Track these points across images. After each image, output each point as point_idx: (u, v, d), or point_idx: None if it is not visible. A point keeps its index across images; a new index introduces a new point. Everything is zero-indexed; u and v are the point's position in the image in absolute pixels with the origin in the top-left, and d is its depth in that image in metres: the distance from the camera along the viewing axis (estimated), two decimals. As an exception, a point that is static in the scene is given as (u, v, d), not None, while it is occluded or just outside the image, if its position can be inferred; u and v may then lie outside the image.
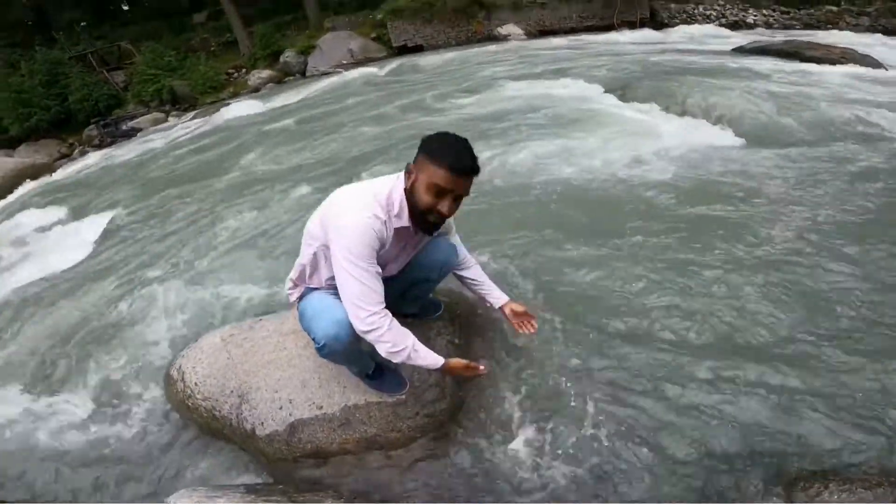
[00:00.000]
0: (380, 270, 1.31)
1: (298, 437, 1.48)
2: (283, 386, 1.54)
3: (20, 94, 14.57)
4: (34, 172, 9.55)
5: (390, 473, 1.43)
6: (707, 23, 12.80)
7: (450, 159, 1.24)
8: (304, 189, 3.68)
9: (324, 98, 8.33)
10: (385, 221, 1.30)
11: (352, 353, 1.38)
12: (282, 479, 1.48)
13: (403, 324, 1.33)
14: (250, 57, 15.80)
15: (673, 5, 13.93)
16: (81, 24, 18.70)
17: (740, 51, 7.12)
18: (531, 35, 13.43)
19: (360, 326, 1.27)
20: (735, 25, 12.52)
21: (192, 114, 12.60)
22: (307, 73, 14.29)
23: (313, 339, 1.34)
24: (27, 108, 14.48)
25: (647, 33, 11.82)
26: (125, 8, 23.42)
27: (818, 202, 2.45)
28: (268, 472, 1.53)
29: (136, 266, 3.08)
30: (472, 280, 1.62)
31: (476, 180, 1.30)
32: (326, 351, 1.33)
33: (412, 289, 1.59)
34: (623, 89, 4.64)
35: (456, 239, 1.64)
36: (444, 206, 1.27)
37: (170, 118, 13.20)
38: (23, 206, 5.82)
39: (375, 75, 10.04)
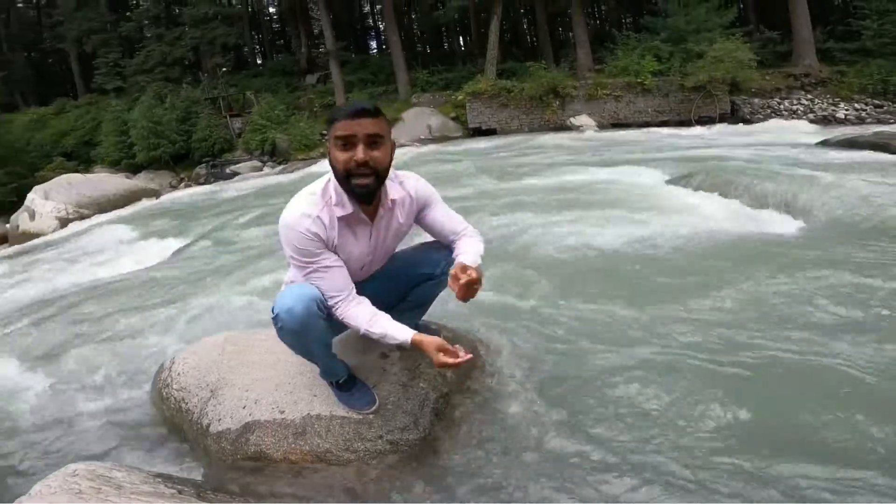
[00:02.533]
0: (336, 259, 1.31)
1: (247, 437, 1.45)
2: (256, 386, 1.56)
3: (157, 125, 17.19)
4: (143, 195, 11.38)
5: (321, 493, 1.32)
6: (793, 118, 12.31)
7: (342, 111, 1.26)
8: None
9: (398, 166, 9.07)
10: (318, 216, 1.28)
11: (306, 335, 1.31)
12: (206, 479, 1.44)
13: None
14: (344, 121, 17.74)
15: (756, 100, 13.63)
16: (223, 69, 22.41)
17: (825, 144, 6.74)
18: (603, 127, 13.70)
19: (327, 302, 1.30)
20: (824, 121, 11.98)
21: (282, 167, 14.32)
22: (388, 143, 15.78)
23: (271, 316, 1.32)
24: (157, 139, 17.01)
25: (725, 128, 11.55)
26: (259, 62, 27.94)
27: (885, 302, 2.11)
28: (198, 472, 1.50)
29: (193, 278, 3.49)
30: (456, 247, 1.45)
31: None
32: (280, 325, 1.29)
33: (413, 291, 1.54)
34: (688, 178, 4.44)
35: (443, 207, 1.48)
36: (357, 154, 1.23)
37: (265, 168, 15.08)
38: (125, 220, 7.21)
39: (448, 151, 10.77)
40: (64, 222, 9.97)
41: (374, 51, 29.33)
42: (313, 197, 1.31)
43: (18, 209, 11.00)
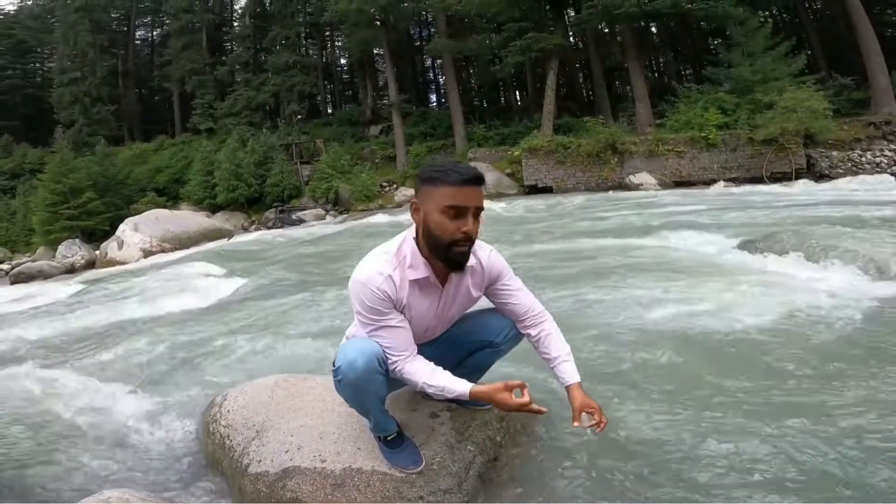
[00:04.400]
0: (402, 320, 1.31)
1: (284, 482, 1.42)
2: (302, 432, 1.54)
3: (238, 167, 18.60)
4: (217, 235, 12.36)
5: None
6: (876, 171, 11.31)
7: (453, 175, 1.20)
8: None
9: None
10: (390, 275, 1.27)
11: (365, 389, 1.30)
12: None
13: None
14: (403, 173, 18.42)
15: (834, 153, 12.56)
16: (298, 117, 24.28)
17: (919, 201, 6.10)
18: (665, 185, 12.96)
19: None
20: (911, 174, 10.89)
21: (343, 217, 15.00)
22: (445, 198, 16.05)
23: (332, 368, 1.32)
24: (237, 182, 18.35)
25: (802, 185, 10.61)
26: (329, 111, 29.96)
27: None
28: (229, 507, 1.46)
29: (254, 317, 3.62)
30: (543, 348, 1.42)
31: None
32: (339, 377, 1.29)
33: (473, 356, 1.51)
34: (759, 241, 3.93)
35: (517, 283, 1.45)
36: (466, 225, 1.21)
37: (328, 217, 15.86)
38: (200, 257, 7.73)
39: (503, 208, 10.61)
40: (147, 254, 10.99)
41: (434, 104, 30.99)
42: (387, 256, 1.30)
43: (110, 237, 12.28)
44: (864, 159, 12.30)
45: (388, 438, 1.43)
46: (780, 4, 20.99)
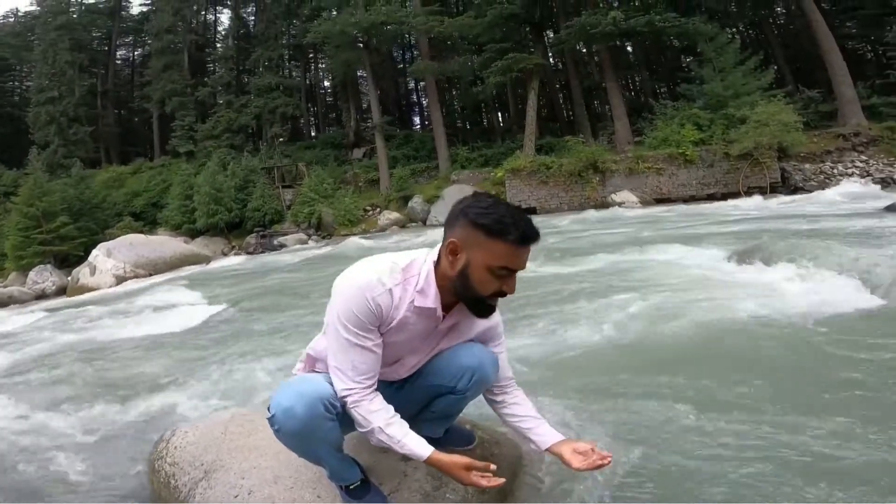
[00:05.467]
0: (378, 345, 1.13)
1: None
2: (254, 475, 1.36)
3: (218, 192, 18.17)
4: (195, 261, 12.02)
5: None
6: (849, 181, 11.54)
7: (516, 231, 1.04)
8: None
9: (430, 244, 9.20)
10: (391, 290, 1.10)
11: (310, 438, 1.13)
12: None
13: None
14: (386, 197, 18.31)
15: (807, 166, 12.96)
16: (280, 139, 23.97)
17: (892, 209, 6.25)
18: (646, 203, 13.16)
19: (339, 392, 1.13)
20: (883, 182, 11.27)
21: (325, 242, 14.74)
22: (427, 222, 15.88)
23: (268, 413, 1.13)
24: (217, 206, 17.90)
25: (780, 199, 10.90)
26: (312, 133, 29.86)
27: None
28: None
29: (223, 345, 3.44)
30: (512, 413, 1.29)
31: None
32: (276, 427, 1.11)
33: (435, 403, 1.32)
34: (743, 253, 4.01)
35: (501, 349, 1.32)
36: (511, 287, 1.09)
37: (310, 241, 15.56)
38: (175, 283, 7.50)
39: None
40: (120, 280, 10.62)
41: (417, 126, 31.15)
42: (394, 267, 1.13)
43: (83, 263, 11.86)
44: (835, 170, 12.64)
45: (351, 487, 1.24)
46: (746, 21, 21.85)
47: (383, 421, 1.13)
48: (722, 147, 13.49)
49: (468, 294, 1.11)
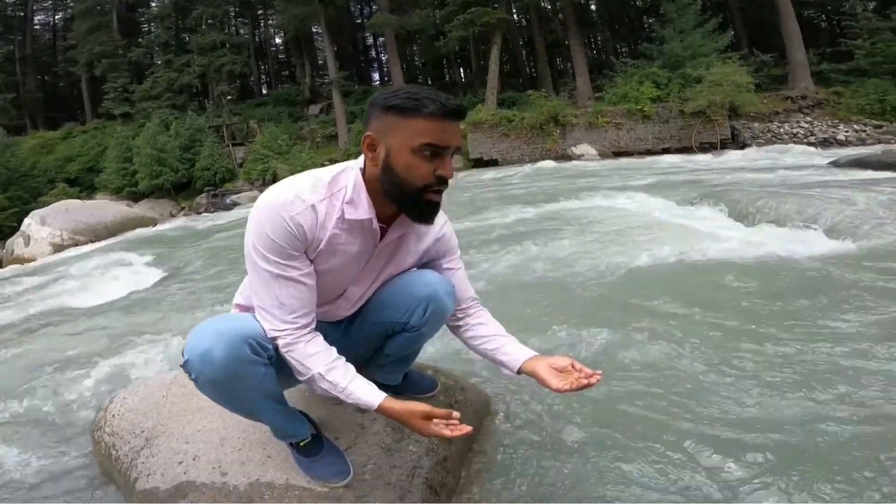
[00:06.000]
0: (307, 274, 0.97)
1: (177, 502, 1.16)
2: (198, 438, 1.27)
3: (160, 152, 17.13)
4: (140, 224, 11.30)
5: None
6: (794, 142, 12.20)
7: (433, 103, 0.90)
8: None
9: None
10: (313, 206, 0.94)
11: (236, 389, 0.96)
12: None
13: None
14: (345, 151, 17.76)
15: (756, 125, 13.59)
16: (228, 97, 22.60)
17: (836, 165, 6.59)
18: (605, 155, 13.61)
19: (269, 334, 0.98)
20: (825, 143, 11.90)
21: None
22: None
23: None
24: (160, 167, 16.93)
25: (728, 154, 11.45)
26: (264, 91, 28.31)
27: None
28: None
29: (170, 308, 3.29)
30: (475, 335, 1.14)
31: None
32: (194, 375, 0.94)
33: (388, 344, 1.18)
34: (695, 201, 4.29)
35: (458, 265, 1.17)
36: (445, 167, 0.93)
37: None
38: (117, 248, 7.15)
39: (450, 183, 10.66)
40: (58, 248, 9.84)
41: (377, 82, 29.90)
42: (317, 182, 0.97)
43: (16, 234, 10.93)
44: (782, 130, 13.24)
45: (301, 444, 1.14)
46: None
47: (323, 366, 0.98)
48: (678, 104, 13.92)
49: (400, 190, 0.94)
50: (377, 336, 1.17)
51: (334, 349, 1.03)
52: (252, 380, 0.96)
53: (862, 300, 2.07)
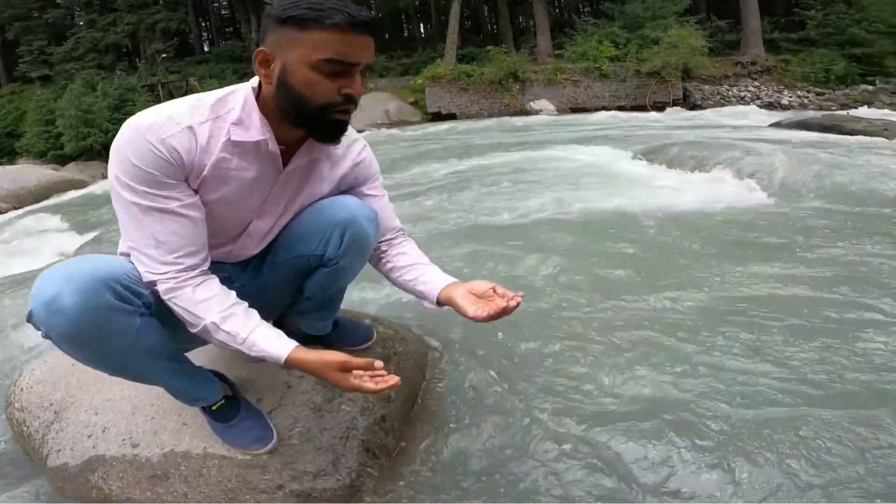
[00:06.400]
0: (189, 206, 0.81)
1: (87, 477, 1.04)
2: (108, 408, 1.13)
3: (87, 114, 15.70)
4: (68, 187, 10.42)
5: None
6: (741, 104, 12.76)
7: (336, 15, 0.76)
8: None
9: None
10: (191, 127, 0.80)
11: (101, 345, 0.79)
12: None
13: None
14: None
15: (706, 87, 14.07)
16: (163, 56, 20.78)
17: (778, 125, 6.88)
18: (562, 111, 13.75)
19: (145, 278, 0.82)
20: (770, 106, 12.46)
21: None
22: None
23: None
24: (88, 129, 15.54)
25: (680, 112, 11.88)
26: (206, 49, 26.26)
27: (850, 260, 2.01)
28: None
29: None
30: (394, 266, 1.02)
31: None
32: (43, 330, 0.75)
33: (307, 285, 1.03)
34: (649, 154, 4.45)
35: (380, 193, 1.06)
36: (353, 86, 0.81)
37: None
38: (43, 212, 6.56)
39: (407, 135, 10.30)
40: (-24, 216, 8.90)
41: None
42: (198, 104, 0.83)
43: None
44: (731, 93, 13.73)
45: (213, 408, 1.01)
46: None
47: (217, 313, 0.82)
48: (634, 65, 14.15)
49: (298, 108, 0.81)
50: (293, 275, 1.02)
51: (233, 294, 0.87)
52: (124, 335, 0.79)
53: (779, 247, 2.19)
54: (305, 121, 0.83)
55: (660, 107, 13.43)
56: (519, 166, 4.67)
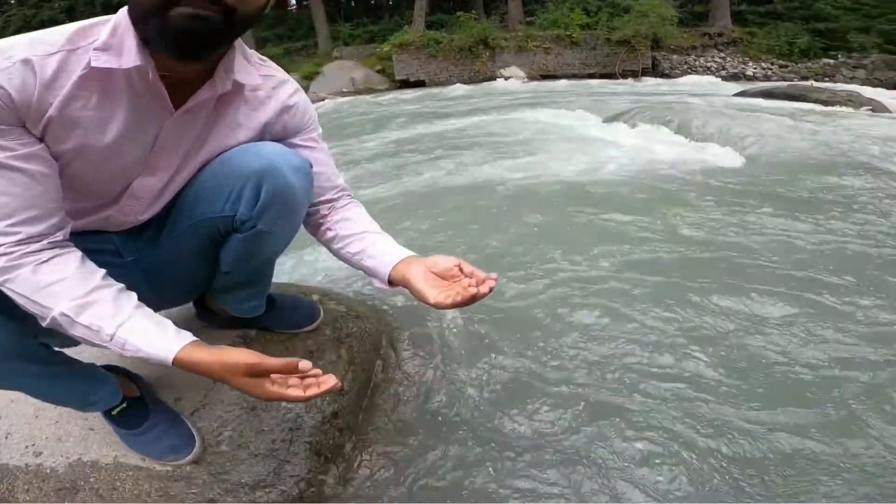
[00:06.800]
0: (27, 157, 0.61)
1: None
2: (11, 411, 0.97)
3: None
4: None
5: None
6: (708, 74, 12.97)
7: None
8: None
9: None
10: (29, 61, 0.60)
11: None
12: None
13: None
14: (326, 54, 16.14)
15: (675, 57, 14.20)
16: None
17: (744, 94, 6.94)
18: (533, 78, 13.61)
19: None
20: (735, 77, 12.69)
21: None
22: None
23: None
24: None
25: (650, 80, 11.97)
26: None
27: (817, 226, 2.02)
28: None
29: None
30: (336, 234, 0.84)
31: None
32: None
33: (222, 255, 0.81)
34: (619, 118, 4.46)
35: (317, 145, 0.86)
36: None
37: None
38: None
39: (373, 101, 9.97)
40: None
41: (293, 6, 26.40)
42: (49, 34, 0.63)
43: None
44: (698, 63, 13.87)
45: (114, 413, 0.84)
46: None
47: (69, 302, 0.61)
48: (605, 33, 14.07)
49: (140, 9, 0.61)
50: (201, 244, 0.79)
51: (98, 274, 0.65)
52: None
53: (736, 205, 2.24)
54: (147, 27, 0.61)
55: (629, 75, 13.47)
56: (489, 130, 4.59)
